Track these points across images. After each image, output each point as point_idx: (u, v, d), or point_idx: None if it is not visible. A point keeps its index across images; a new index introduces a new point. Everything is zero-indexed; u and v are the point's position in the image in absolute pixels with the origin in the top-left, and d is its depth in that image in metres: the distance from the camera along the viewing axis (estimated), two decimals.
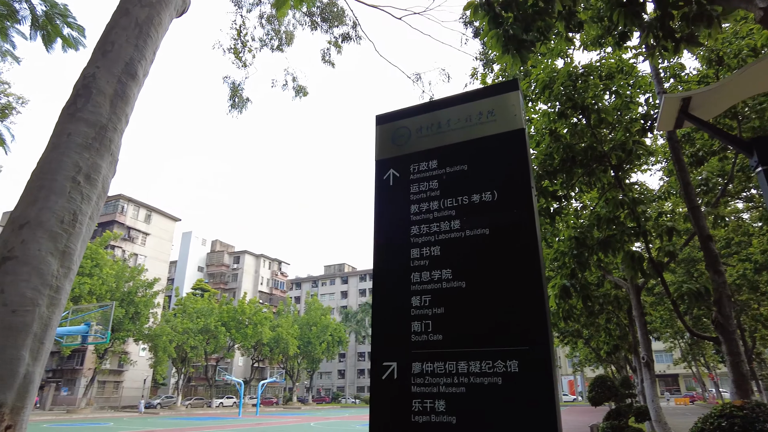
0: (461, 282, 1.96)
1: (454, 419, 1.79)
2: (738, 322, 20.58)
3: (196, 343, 48.08)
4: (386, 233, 2.20)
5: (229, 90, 15.51)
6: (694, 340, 37.68)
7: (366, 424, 30.42)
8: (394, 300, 2.06)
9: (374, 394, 1.95)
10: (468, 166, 2.13)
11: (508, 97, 2.16)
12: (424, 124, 2.32)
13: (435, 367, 1.88)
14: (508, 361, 1.77)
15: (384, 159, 2.35)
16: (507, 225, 1.96)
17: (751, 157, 4.16)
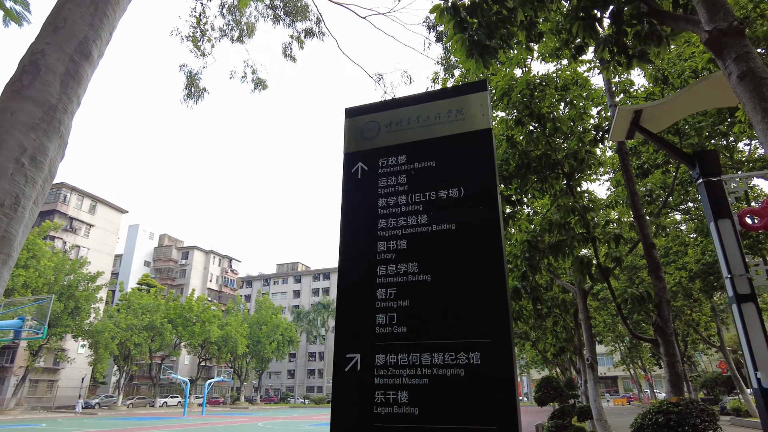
0: (427, 275, 1.99)
1: (417, 410, 1.81)
2: (672, 327, 21.84)
3: (140, 341, 46.19)
4: (353, 226, 2.20)
5: (186, 79, 15.03)
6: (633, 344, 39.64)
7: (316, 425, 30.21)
8: (360, 292, 2.06)
9: (336, 386, 1.95)
10: (436, 162, 2.17)
11: (476, 98, 2.21)
12: (393, 120, 2.33)
13: (399, 358, 1.90)
14: (470, 353, 1.81)
15: (352, 152, 2.35)
16: (472, 221, 2.00)
17: (693, 169, 4.43)
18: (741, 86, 3.91)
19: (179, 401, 55.49)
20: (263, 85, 15.98)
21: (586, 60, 12.53)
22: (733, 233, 4.07)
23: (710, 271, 20.82)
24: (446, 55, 15.69)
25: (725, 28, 4.12)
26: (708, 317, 28.36)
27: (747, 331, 3.84)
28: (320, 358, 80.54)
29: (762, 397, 3.70)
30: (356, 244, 2.17)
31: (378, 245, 2.12)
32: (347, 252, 2.16)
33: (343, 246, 2.18)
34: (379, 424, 1.84)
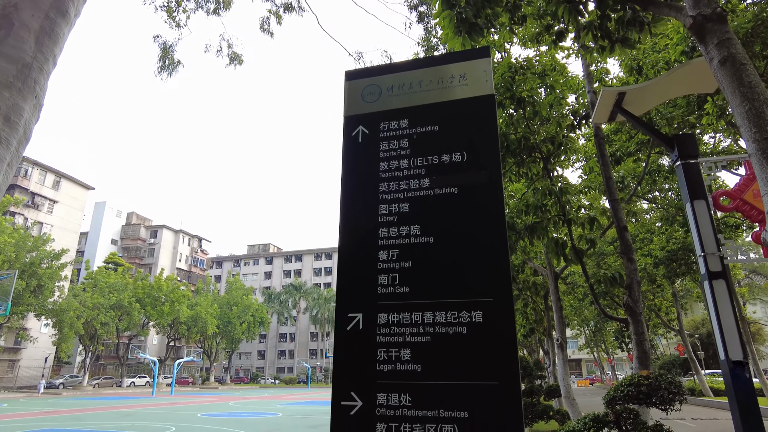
0: (429, 238, 2.01)
1: (419, 367, 1.84)
2: (642, 307, 22.69)
3: (107, 320, 45.18)
4: (354, 189, 2.20)
5: (160, 50, 14.53)
6: (597, 328, 41.02)
7: (288, 404, 30.33)
8: (361, 254, 2.07)
9: (338, 345, 1.97)
10: (438, 127, 2.18)
11: (479, 63, 2.22)
12: (395, 83, 2.33)
13: (401, 317, 1.92)
14: (472, 311, 1.85)
15: (353, 115, 2.34)
16: (476, 185, 2.03)
17: (672, 151, 4.57)
18: (722, 71, 4.01)
19: (147, 381, 54.81)
20: (239, 59, 15.58)
21: (565, 47, 12.69)
22: (708, 214, 4.23)
23: (674, 258, 21.64)
24: (426, 36, 15.59)
25: (709, 14, 4.21)
26: (669, 302, 29.53)
27: (717, 307, 4.02)
28: (291, 339, 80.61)
29: (729, 369, 3.90)
30: (357, 206, 2.17)
31: (380, 208, 2.13)
32: (348, 214, 2.16)
33: (343, 209, 2.18)
34: (382, 381, 1.87)
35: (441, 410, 1.77)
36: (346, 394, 1.88)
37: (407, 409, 1.81)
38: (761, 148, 3.59)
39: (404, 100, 2.28)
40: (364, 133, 2.28)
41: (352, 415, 1.85)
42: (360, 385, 1.88)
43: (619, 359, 59.83)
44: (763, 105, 3.73)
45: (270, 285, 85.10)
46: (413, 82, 2.30)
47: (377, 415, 1.83)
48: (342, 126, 2.32)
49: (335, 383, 1.92)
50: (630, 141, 15.53)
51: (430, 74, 2.28)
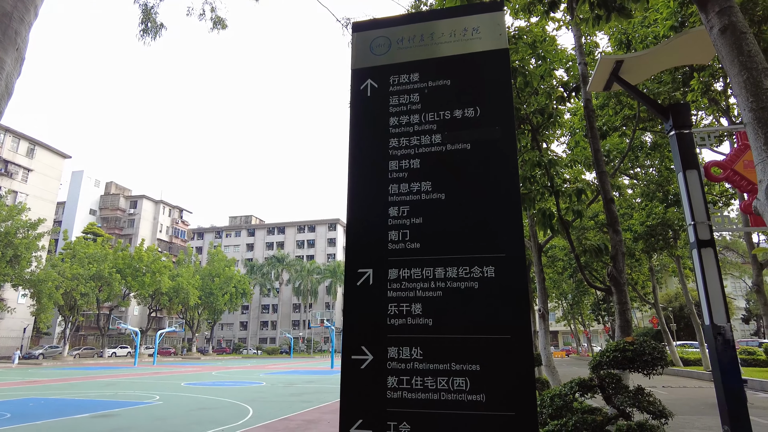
0: (441, 194, 1.99)
1: (431, 321, 1.84)
2: (625, 278, 23.32)
3: (87, 290, 44.65)
4: (363, 144, 2.15)
5: (141, 12, 13.98)
6: (575, 301, 42.04)
7: (270, 373, 30.63)
8: (371, 210, 2.04)
9: (348, 300, 1.95)
10: (451, 81, 2.13)
11: (493, 16, 2.16)
12: (405, 35, 2.25)
13: (412, 273, 1.91)
14: (484, 266, 1.84)
15: (361, 68, 2.27)
16: (489, 141, 1.99)
17: (666, 121, 4.59)
18: (722, 39, 3.99)
19: (128, 352, 54.70)
20: (222, 24, 15.07)
21: (556, 18, 12.56)
22: (699, 183, 4.28)
23: (653, 233, 22.12)
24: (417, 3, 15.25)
25: None
26: (645, 277, 30.33)
27: (705, 274, 4.11)
28: (274, 310, 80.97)
29: (713, 333, 4.02)
30: (366, 162, 2.12)
31: (390, 164, 2.09)
32: (357, 171, 2.12)
33: (352, 165, 2.13)
34: (393, 335, 1.86)
35: (452, 363, 1.78)
36: (356, 348, 1.88)
37: (418, 362, 1.81)
38: (757, 117, 3.60)
39: (415, 53, 2.21)
40: (373, 87, 2.21)
41: (362, 369, 1.85)
42: (370, 339, 1.88)
43: (594, 331, 61.65)
44: (762, 74, 3.73)
45: (252, 257, 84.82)
46: (424, 34, 2.23)
47: (388, 369, 1.83)
48: (349, 79, 2.24)
49: (345, 338, 1.91)
50: (616, 116, 15.62)
51: (441, 26, 2.22)
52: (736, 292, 57.71)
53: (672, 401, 14.70)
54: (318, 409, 13.45)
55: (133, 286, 50.08)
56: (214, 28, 15.50)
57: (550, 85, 10.90)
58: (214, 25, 15.41)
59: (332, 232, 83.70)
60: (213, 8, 15.39)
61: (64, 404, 14.52)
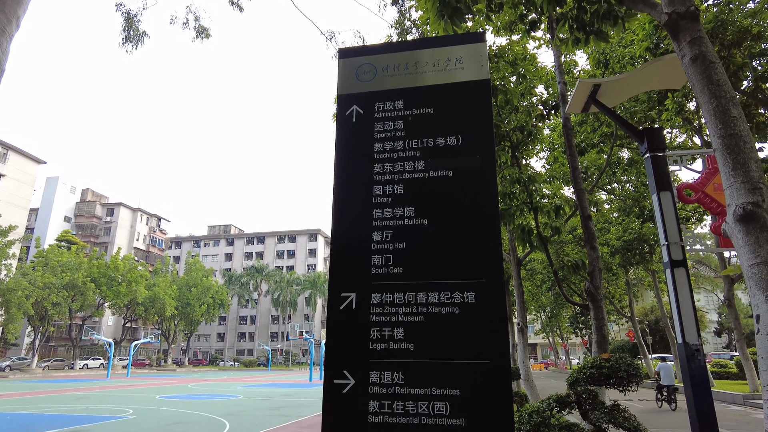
0: (423, 219, 2.03)
1: (412, 346, 1.87)
2: (602, 294, 23.74)
3: (59, 300, 43.45)
4: (348, 169, 2.19)
5: (123, 20, 13.87)
6: (553, 314, 42.49)
7: (248, 386, 30.15)
8: (355, 234, 2.07)
9: (331, 324, 1.97)
10: (434, 109, 2.18)
11: (475, 48, 2.23)
12: (390, 63, 2.31)
13: (395, 297, 1.94)
14: (465, 292, 1.88)
15: (347, 94, 2.31)
16: (470, 169, 2.05)
17: (641, 144, 4.75)
18: (693, 68, 4.16)
19: (101, 363, 53.25)
20: (206, 33, 15.04)
21: (537, 37, 12.86)
22: (672, 205, 4.43)
23: (629, 248, 22.57)
24: (400, 18, 15.46)
25: (683, 12, 4.34)
26: (622, 290, 30.85)
27: (677, 292, 4.23)
28: (252, 321, 79.92)
29: (685, 352, 4.13)
30: (351, 187, 2.16)
31: (374, 189, 2.13)
32: (342, 194, 2.15)
33: (337, 189, 2.16)
34: (375, 360, 1.89)
35: (433, 388, 1.81)
36: (338, 372, 1.90)
37: (400, 387, 1.84)
38: (725, 144, 3.76)
39: (400, 81, 2.27)
40: (359, 113, 2.26)
41: (344, 393, 1.87)
42: (353, 363, 1.90)
43: (572, 344, 62.30)
44: (729, 102, 3.89)
45: (231, 267, 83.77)
46: (409, 63, 2.29)
47: (370, 393, 1.85)
48: (335, 105, 2.29)
49: (327, 362, 1.92)
50: (594, 133, 16.00)
51: (426, 56, 2.28)
52: (708, 305, 59.07)
53: (647, 414, 14.93)
54: (296, 423, 13.29)
55: (107, 295, 48.94)
56: (197, 37, 15.46)
57: (530, 102, 11.13)
58: (198, 34, 15.37)
59: (313, 242, 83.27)
60: (197, 17, 15.35)
61: (32, 419, 14.06)
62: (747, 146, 3.69)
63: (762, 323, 3.22)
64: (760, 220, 3.47)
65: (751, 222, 3.48)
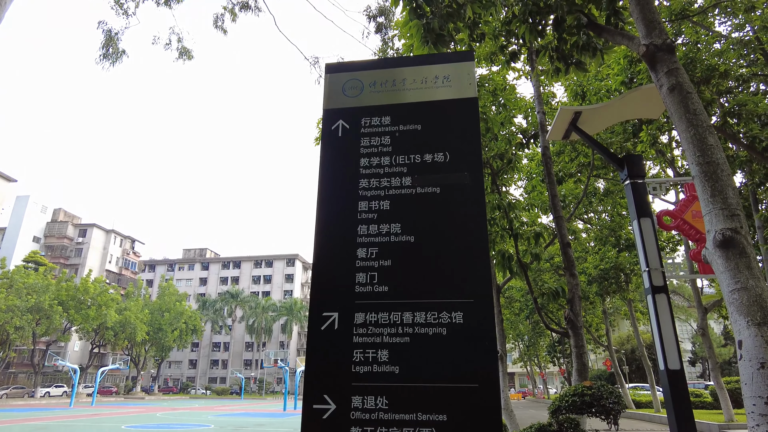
0: (410, 236, 1.97)
1: (397, 369, 1.78)
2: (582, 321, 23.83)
3: (22, 324, 41.67)
4: (333, 184, 2.13)
5: (104, 38, 13.77)
6: (531, 343, 42.46)
7: (220, 415, 29.15)
8: (339, 251, 2.00)
9: (311, 344, 1.87)
10: (422, 126, 2.15)
11: (463, 66, 2.22)
12: (378, 79, 2.28)
13: (379, 317, 1.86)
14: (453, 312, 1.81)
15: (333, 109, 2.27)
16: (458, 186, 2.01)
17: (621, 171, 4.81)
18: (670, 97, 4.26)
19: (65, 391, 50.91)
20: (188, 55, 15.03)
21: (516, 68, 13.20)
22: (652, 231, 4.47)
23: (606, 277, 22.82)
24: (383, 46, 15.72)
25: (660, 44, 4.47)
26: (599, 319, 31.06)
27: (659, 318, 4.23)
28: (225, 348, 77.86)
29: (667, 378, 4.10)
30: (335, 202, 2.09)
31: (359, 204, 2.06)
32: (325, 210, 2.08)
33: (321, 204, 2.10)
34: (358, 384, 1.79)
35: (419, 413, 1.72)
36: (318, 397, 1.79)
37: (384, 412, 1.74)
38: (704, 171, 3.82)
39: (387, 97, 2.24)
40: (345, 128, 2.21)
41: (324, 418, 1.76)
42: (334, 387, 1.80)
43: (550, 373, 62.16)
44: (706, 131, 3.98)
45: (205, 291, 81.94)
46: (396, 79, 2.26)
47: (352, 419, 1.75)
48: (321, 119, 2.24)
49: (307, 386, 1.82)
50: (572, 163, 16.32)
51: (413, 73, 2.26)
52: (682, 335, 59.91)
53: None
54: None
55: (75, 319, 47.14)
56: (179, 58, 15.40)
57: (510, 131, 11.32)
58: (180, 55, 15.33)
59: (290, 267, 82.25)
60: (180, 38, 15.33)
61: None
62: (724, 174, 3.76)
63: (744, 349, 3.21)
64: (739, 246, 3.51)
65: (730, 248, 3.51)
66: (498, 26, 8.10)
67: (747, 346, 3.22)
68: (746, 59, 13.73)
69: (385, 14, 15.18)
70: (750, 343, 3.19)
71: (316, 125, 12.85)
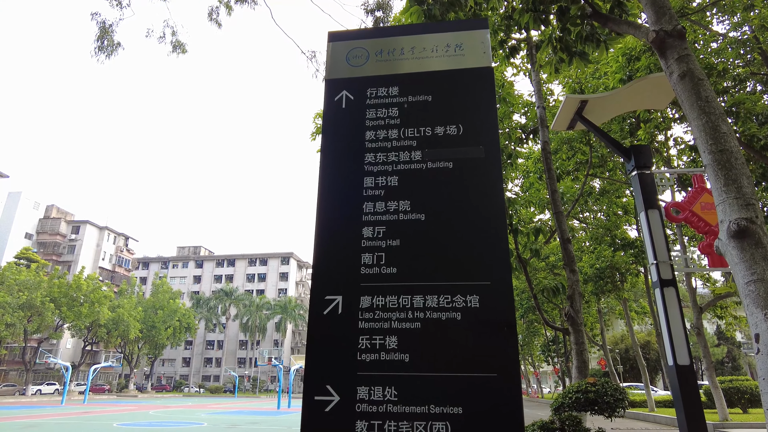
0: (420, 214, 1.81)
1: (407, 357, 1.63)
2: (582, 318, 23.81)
3: (14, 321, 41.19)
4: (336, 159, 1.97)
5: (98, 30, 13.54)
6: (525, 342, 42.44)
7: (213, 413, 28.92)
8: (342, 230, 1.84)
9: (313, 331, 1.71)
10: (432, 97, 2.00)
11: (477, 34, 2.07)
12: (385, 48, 2.13)
13: (387, 301, 1.70)
14: (468, 295, 1.66)
15: (336, 79, 2.11)
16: (472, 160, 1.86)
17: (629, 162, 4.68)
18: (681, 85, 4.11)
19: (56, 389, 50.39)
20: (182, 48, 14.79)
21: (516, 64, 13.07)
22: (660, 223, 4.33)
23: (602, 276, 22.76)
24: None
25: (670, 30, 4.32)
26: (594, 318, 31.06)
27: (668, 312, 4.09)
28: (219, 346, 77.46)
29: (676, 374, 3.97)
30: (339, 178, 1.93)
31: (365, 180, 1.91)
32: (328, 186, 1.92)
33: (323, 179, 1.94)
34: (364, 373, 1.63)
35: (431, 406, 1.56)
36: (320, 387, 1.63)
37: (392, 404, 1.58)
38: (716, 160, 3.67)
39: (395, 66, 2.08)
40: (349, 99, 2.05)
41: (327, 411, 1.60)
42: (338, 377, 1.64)
43: (544, 372, 62.22)
44: (719, 119, 3.83)
45: (199, 289, 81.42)
46: (405, 47, 2.11)
47: (357, 412, 1.59)
48: (323, 90, 2.08)
49: (308, 375, 1.66)
50: (569, 161, 16.23)
51: (423, 41, 2.10)
52: None
53: None
54: None
55: (68, 316, 46.64)
56: (173, 51, 15.17)
57: (510, 126, 11.19)
58: (174, 49, 15.08)
59: (285, 266, 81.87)
60: (174, 31, 15.09)
61: None
62: (738, 162, 3.62)
63: (762, 342, 3.07)
64: (754, 236, 3.37)
65: (745, 238, 3.37)
66: (498, 20, 7.96)
67: (765, 339, 3.08)
68: (744, 59, 13.68)
69: (383, 8, 15.01)
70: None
71: (313, 120, 12.66)
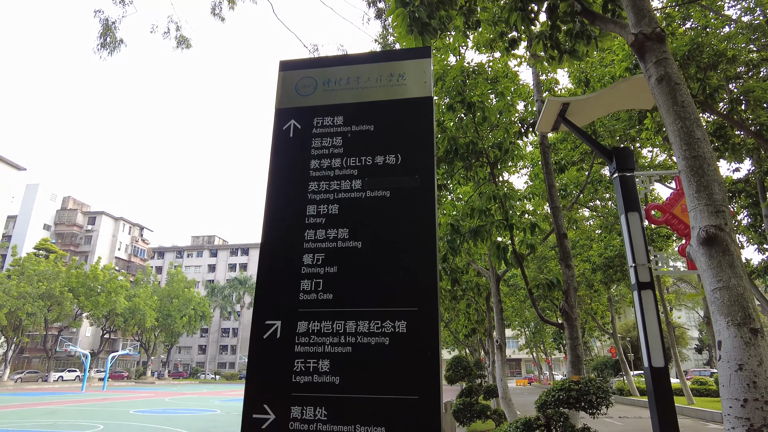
0: (357, 242, 1.91)
1: (338, 379, 1.74)
2: (577, 313, 23.75)
3: (34, 310, 42.36)
4: (281, 187, 2.07)
5: (101, 26, 13.73)
6: (537, 329, 42.48)
7: (226, 400, 29.55)
8: (285, 256, 1.95)
9: (253, 354, 1.84)
10: (374, 126, 2.08)
11: (419, 63, 2.14)
12: (332, 78, 2.21)
13: (322, 326, 1.81)
14: (396, 321, 1.76)
15: (285, 108, 2.20)
16: (408, 189, 1.95)
17: (610, 163, 4.71)
18: (658, 88, 4.13)
19: (77, 376, 51.87)
20: (187, 43, 14.94)
21: (518, 55, 12.96)
22: (640, 226, 4.37)
23: (611, 265, 22.65)
24: (384, 33, 15.52)
25: (649, 33, 4.33)
26: (604, 307, 30.96)
27: (644, 315, 4.16)
28: (234, 334, 78.76)
29: (651, 375, 4.05)
30: (284, 205, 2.04)
31: (308, 208, 2.01)
32: (273, 213, 2.03)
33: (269, 207, 2.04)
34: (297, 394, 1.75)
35: (357, 425, 1.68)
36: (258, 406, 1.76)
37: (322, 423, 1.70)
38: (690, 165, 3.71)
39: (341, 96, 2.17)
40: (296, 128, 2.15)
41: (263, 429, 1.73)
42: (274, 397, 1.76)
43: (556, 360, 62.29)
44: (694, 124, 3.85)
45: (214, 278, 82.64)
46: (351, 77, 2.19)
47: (290, 430, 1.71)
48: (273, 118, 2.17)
49: (247, 395, 1.79)
50: (575, 150, 16.11)
51: (368, 71, 2.18)
52: (689, 322, 59.59)
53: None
54: None
55: (86, 305, 47.85)
56: (178, 46, 15.32)
57: (509, 120, 11.15)
58: (179, 44, 15.24)
59: None
60: (178, 27, 15.23)
61: None
62: (710, 168, 3.64)
63: (723, 350, 3.13)
64: (722, 243, 3.40)
65: (713, 245, 3.41)
66: (498, 12, 7.92)
67: (726, 347, 3.14)
68: (756, 44, 13.37)
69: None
70: (729, 344, 3.11)
71: None
